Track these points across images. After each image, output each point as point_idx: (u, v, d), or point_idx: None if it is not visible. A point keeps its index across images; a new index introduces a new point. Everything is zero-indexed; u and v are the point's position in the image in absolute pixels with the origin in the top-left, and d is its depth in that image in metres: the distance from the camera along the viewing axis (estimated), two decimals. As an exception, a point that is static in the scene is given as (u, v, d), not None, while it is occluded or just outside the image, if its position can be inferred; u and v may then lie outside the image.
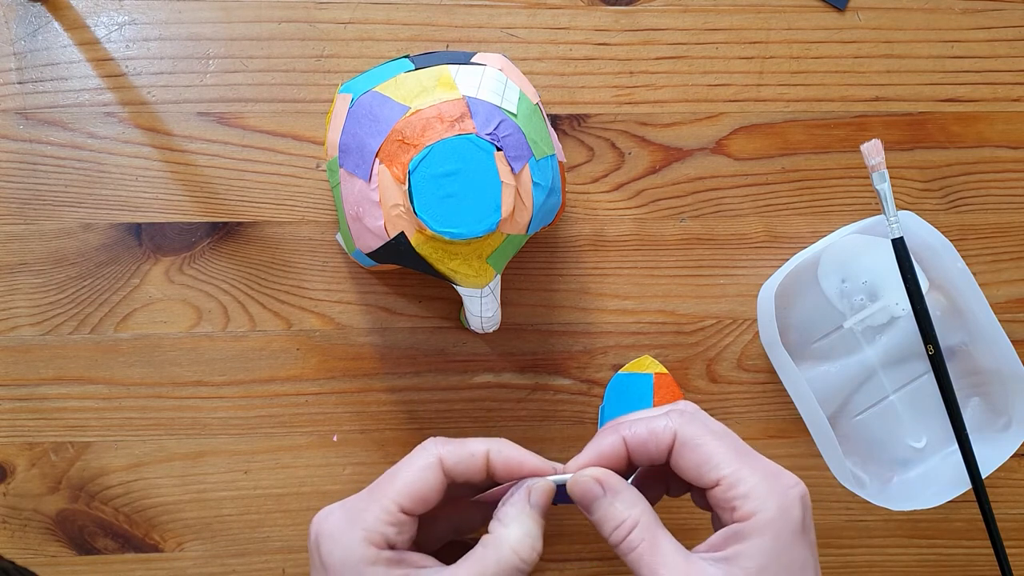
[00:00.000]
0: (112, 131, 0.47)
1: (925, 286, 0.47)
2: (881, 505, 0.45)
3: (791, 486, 0.32)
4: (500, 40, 0.48)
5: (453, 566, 0.33)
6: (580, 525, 0.49)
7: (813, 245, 0.47)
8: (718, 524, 0.34)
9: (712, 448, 0.33)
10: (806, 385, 0.44)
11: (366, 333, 0.48)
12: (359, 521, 0.33)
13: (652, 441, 0.34)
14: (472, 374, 0.48)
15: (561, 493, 0.36)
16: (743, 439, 0.50)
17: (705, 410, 0.49)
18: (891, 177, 0.49)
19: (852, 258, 0.48)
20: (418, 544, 0.35)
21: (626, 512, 0.33)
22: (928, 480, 0.47)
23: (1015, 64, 0.50)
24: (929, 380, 0.47)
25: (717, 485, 0.32)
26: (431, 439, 0.35)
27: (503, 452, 0.34)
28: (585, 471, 0.34)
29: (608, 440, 0.34)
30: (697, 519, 0.49)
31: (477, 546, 0.33)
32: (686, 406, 0.36)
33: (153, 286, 0.47)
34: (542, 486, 0.34)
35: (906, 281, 0.44)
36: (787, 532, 0.31)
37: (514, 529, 0.33)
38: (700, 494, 0.35)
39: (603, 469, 0.34)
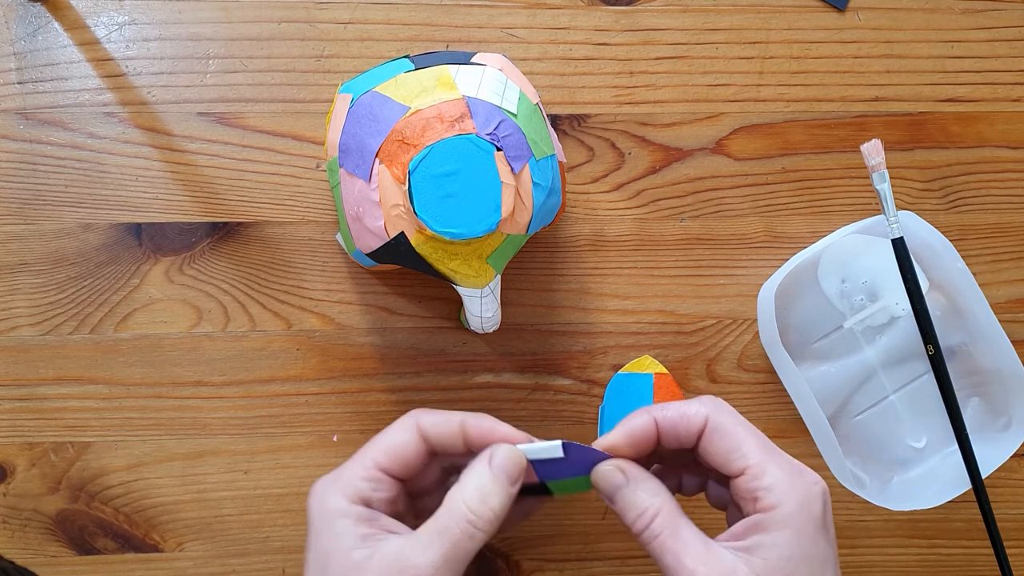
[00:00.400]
0: (112, 131, 0.47)
1: (925, 286, 0.47)
2: (881, 505, 0.45)
3: (814, 482, 0.32)
4: (500, 40, 0.48)
5: (415, 531, 0.33)
6: (581, 525, 0.49)
7: (813, 245, 0.47)
8: (734, 520, 0.34)
9: (742, 437, 0.33)
10: (806, 385, 0.44)
11: (366, 333, 0.48)
12: (340, 478, 0.34)
13: (683, 424, 0.34)
14: (472, 374, 0.48)
15: (546, 468, 0.35)
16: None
17: (705, 410, 0.49)
18: (891, 177, 0.49)
19: (852, 258, 0.48)
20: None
21: (648, 500, 0.33)
22: (928, 480, 0.47)
23: (1015, 64, 0.50)
24: (929, 380, 0.47)
25: (742, 474, 0.33)
26: (413, 409, 0.36)
27: (479, 421, 0.35)
28: (609, 462, 0.34)
29: (639, 420, 0.35)
30: (711, 519, 0.49)
31: (442, 513, 0.33)
32: (713, 399, 0.36)
33: (153, 286, 0.47)
34: (505, 449, 0.34)
35: (906, 281, 0.44)
36: (809, 527, 0.31)
37: (467, 486, 0.33)
38: (717, 489, 0.36)
39: (625, 460, 0.34)
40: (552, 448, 0.34)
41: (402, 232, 0.39)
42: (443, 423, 0.35)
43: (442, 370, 0.48)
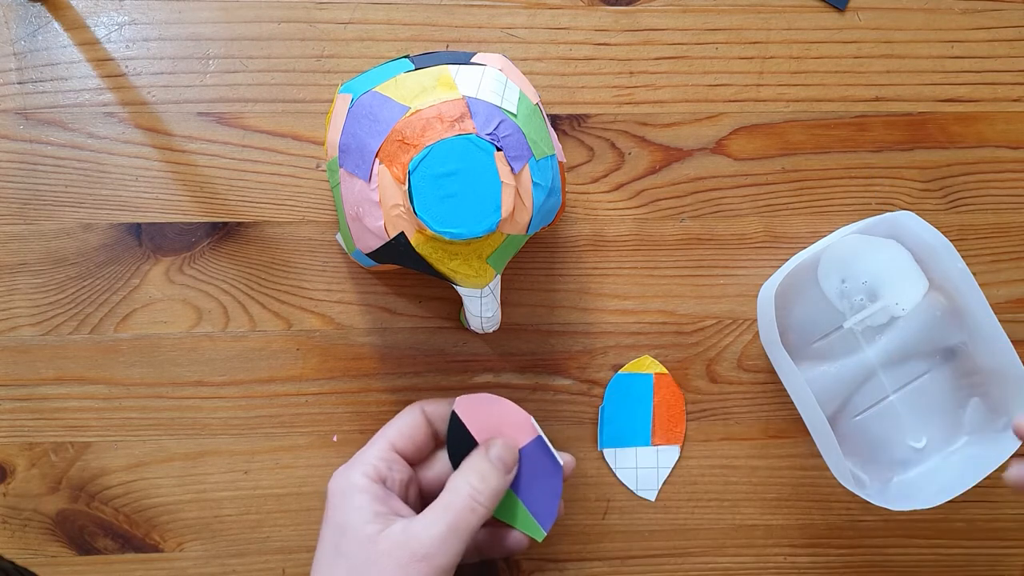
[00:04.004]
0: (112, 131, 0.47)
1: (925, 286, 0.47)
2: (881, 505, 0.45)
3: None
4: (500, 40, 0.48)
5: (423, 512, 0.38)
6: (580, 525, 0.49)
7: (813, 245, 0.47)
8: None
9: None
10: (806, 385, 0.44)
11: (366, 333, 0.48)
12: (359, 460, 0.40)
13: None
14: (472, 374, 0.48)
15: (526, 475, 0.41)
16: (743, 440, 0.50)
17: (705, 410, 0.50)
18: (891, 177, 0.49)
19: (852, 258, 0.48)
20: None
21: None
22: (928, 480, 0.47)
23: (1015, 64, 0.50)
24: (929, 380, 0.47)
25: None
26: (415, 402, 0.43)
27: None
28: None
29: None
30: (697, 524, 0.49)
31: (445, 495, 0.39)
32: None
33: (153, 286, 0.47)
34: (500, 442, 0.40)
35: None
36: None
37: (466, 469, 0.39)
38: None
39: None
40: (557, 455, 0.40)
41: (402, 232, 0.39)
42: (444, 405, 0.42)
43: (442, 370, 0.48)
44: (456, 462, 0.42)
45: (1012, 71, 0.50)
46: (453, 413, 0.42)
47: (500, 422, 0.41)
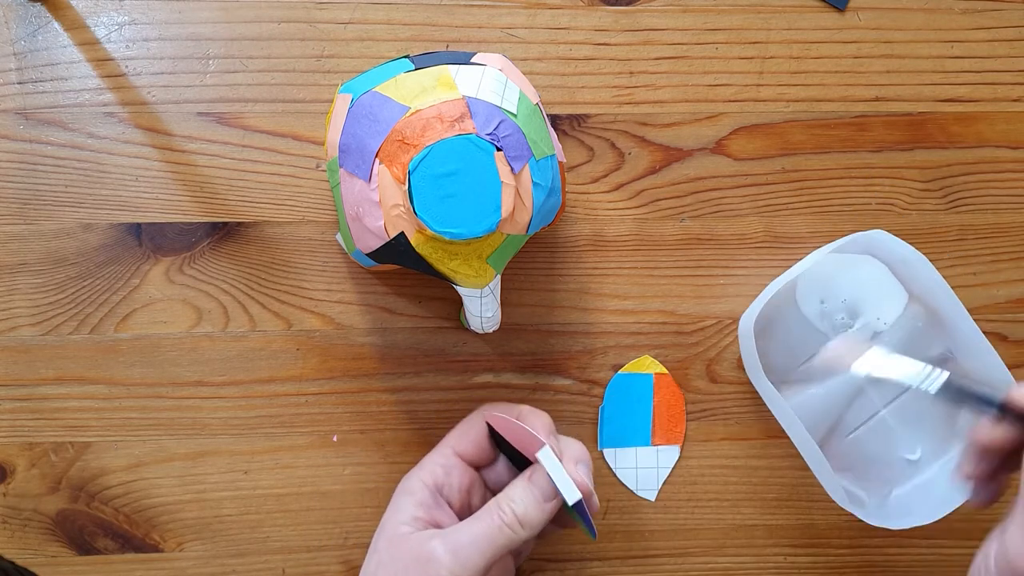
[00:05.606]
0: (112, 131, 0.47)
1: (904, 299, 0.47)
2: (881, 525, 0.44)
3: None
4: (500, 40, 0.48)
5: (456, 525, 0.39)
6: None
7: (788, 271, 0.46)
8: None
9: None
10: (792, 414, 0.43)
11: (366, 333, 0.48)
12: (420, 466, 0.42)
13: None
14: (472, 374, 0.48)
15: (578, 506, 0.38)
16: (743, 440, 0.50)
17: (705, 410, 0.50)
18: (891, 177, 0.49)
19: (829, 278, 0.47)
20: None
21: None
22: (927, 491, 0.46)
23: (1015, 64, 0.50)
24: (918, 391, 0.46)
25: None
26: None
27: (530, 421, 0.41)
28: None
29: None
30: (696, 522, 0.49)
31: (480, 511, 0.39)
32: None
33: (153, 286, 0.47)
34: (542, 475, 0.39)
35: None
36: None
37: (503, 493, 0.39)
38: None
39: None
40: (569, 491, 0.38)
41: (402, 232, 0.39)
42: (505, 412, 0.41)
43: (442, 370, 0.48)
44: (514, 462, 0.43)
45: (1012, 71, 0.50)
46: (488, 424, 0.42)
47: (524, 441, 0.40)
